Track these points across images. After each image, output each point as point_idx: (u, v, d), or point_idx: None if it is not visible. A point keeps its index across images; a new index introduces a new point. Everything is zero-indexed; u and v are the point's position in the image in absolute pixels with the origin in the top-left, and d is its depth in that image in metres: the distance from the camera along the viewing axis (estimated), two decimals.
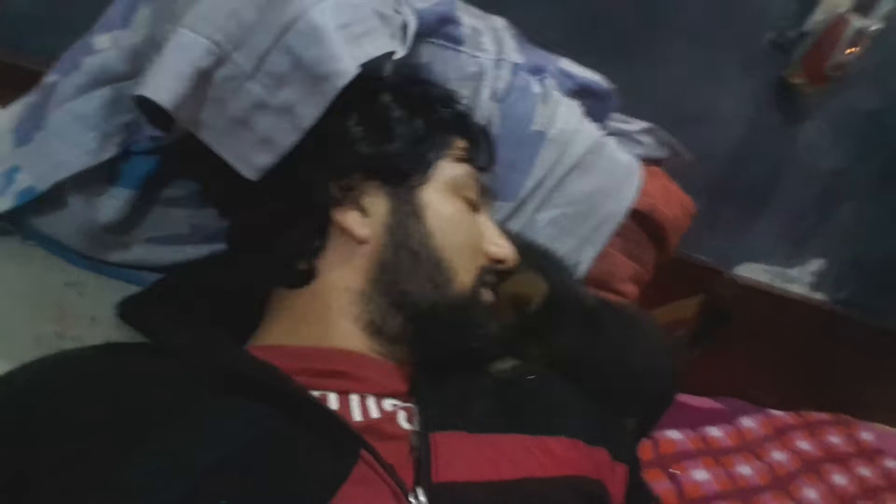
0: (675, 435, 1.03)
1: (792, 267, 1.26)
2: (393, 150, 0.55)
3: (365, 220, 0.54)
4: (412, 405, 0.50)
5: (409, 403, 0.51)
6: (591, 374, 0.59)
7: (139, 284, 0.61)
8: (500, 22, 0.76)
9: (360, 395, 0.49)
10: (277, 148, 0.50)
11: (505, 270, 0.59)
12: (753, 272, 1.23)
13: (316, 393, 0.47)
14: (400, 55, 0.59)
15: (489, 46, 0.72)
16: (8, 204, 0.57)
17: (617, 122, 0.84)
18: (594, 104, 0.79)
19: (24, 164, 0.58)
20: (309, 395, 0.46)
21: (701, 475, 0.98)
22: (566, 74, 0.77)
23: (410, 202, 0.55)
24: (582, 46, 0.85)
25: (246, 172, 0.51)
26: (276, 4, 0.49)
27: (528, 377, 0.57)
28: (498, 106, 0.71)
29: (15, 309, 0.59)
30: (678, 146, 0.85)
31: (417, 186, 0.55)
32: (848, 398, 1.27)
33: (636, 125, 0.84)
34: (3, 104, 0.65)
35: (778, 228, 1.21)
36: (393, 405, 0.50)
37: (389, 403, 0.50)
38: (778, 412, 1.18)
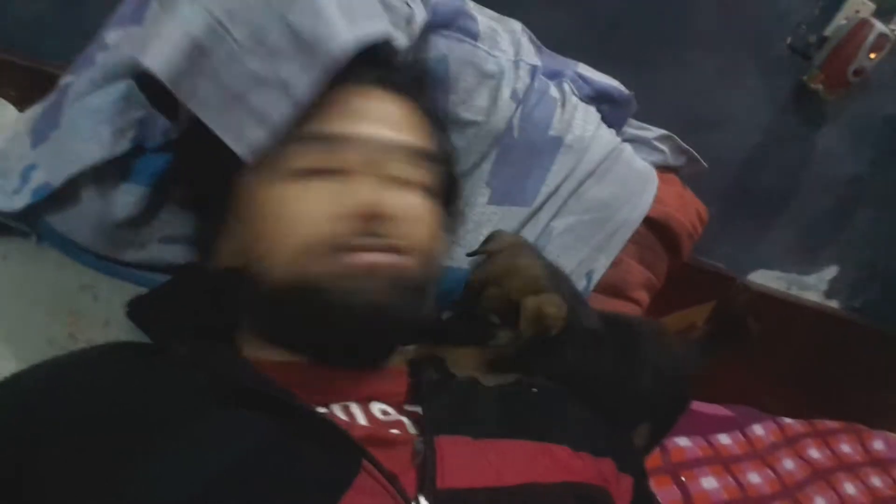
0: (684, 442, 1.02)
1: (807, 274, 1.25)
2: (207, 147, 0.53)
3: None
4: (418, 408, 0.50)
5: (416, 407, 0.51)
6: (595, 390, 0.59)
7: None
8: (517, 25, 0.75)
9: (357, 401, 0.49)
10: (271, 123, 0.50)
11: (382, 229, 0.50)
12: (767, 279, 1.22)
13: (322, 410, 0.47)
14: (402, 45, 0.58)
15: (507, 48, 0.72)
16: (24, 201, 0.57)
17: (634, 128, 0.83)
18: (612, 110, 0.79)
19: (40, 162, 0.58)
20: (309, 406, 0.45)
21: (709, 483, 0.97)
22: (584, 80, 0.76)
23: (238, 198, 0.53)
24: (598, 51, 0.84)
25: (239, 150, 0.50)
26: None
27: (531, 389, 0.57)
28: (519, 108, 0.70)
29: (29, 311, 0.59)
30: (694, 154, 0.84)
31: (238, 180, 0.53)
32: (861, 406, 1.26)
33: (653, 132, 0.83)
34: (21, 107, 0.65)
35: (793, 235, 1.20)
36: (384, 410, 0.50)
37: (379, 408, 0.49)
38: (789, 420, 1.17)
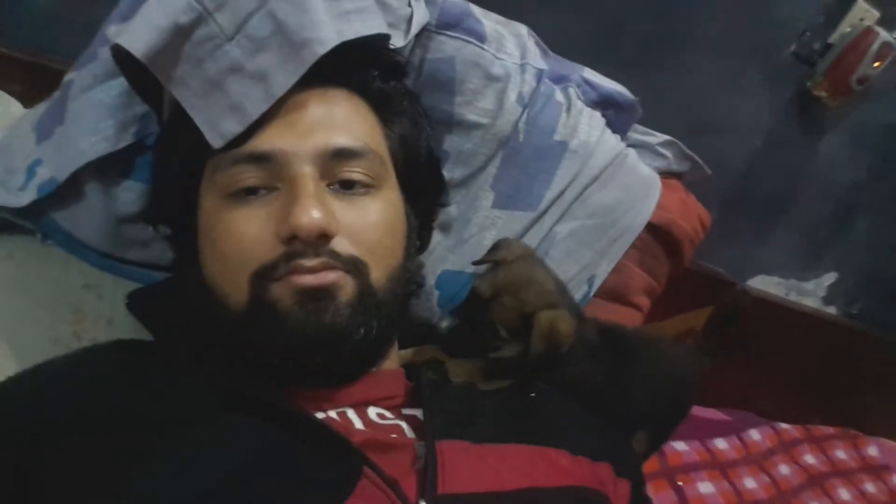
0: (681, 446, 1.02)
1: (806, 280, 1.26)
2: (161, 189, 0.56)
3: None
4: (418, 412, 0.50)
5: (415, 410, 0.51)
6: (590, 398, 0.59)
7: None
8: (523, 28, 0.75)
9: (354, 406, 0.49)
10: (246, 116, 0.49)
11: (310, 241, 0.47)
12: (767, 284, 1.23)
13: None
14: (399, 44, 0.58)
15: (513, 51, 0.71)
16: (30, 197, 0.57)
17: (638, 133, 0.83)
18: (617, 115, 0.79)
19: (44, 157, 0.59)
20: (307, 413, 0.45)
21: (706, 488, 0.97)
22: (589, 84, 0.76)
23: (194, 233, 0.53)
24: (603, 55, 0.84)
25: (212, 139, 0.49)
26: None
27: (529, 394, 0.57)
28: (525, 111, 0.70)
29: (33, 310, 0.59)
30: (698, 160, 0.84)
31: (195, 209, 0.52)
32: (858, 412, 1.27)
33: (657, 137, 0.83)
34: (25, 103, 0.65)
35: (793, 241, 1.20)
36: (383, 414, 0.49)
37: (377, 411, 0.49)
38: (785, 425, 1.17)
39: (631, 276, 0.81)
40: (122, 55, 0.49)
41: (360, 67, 0.55)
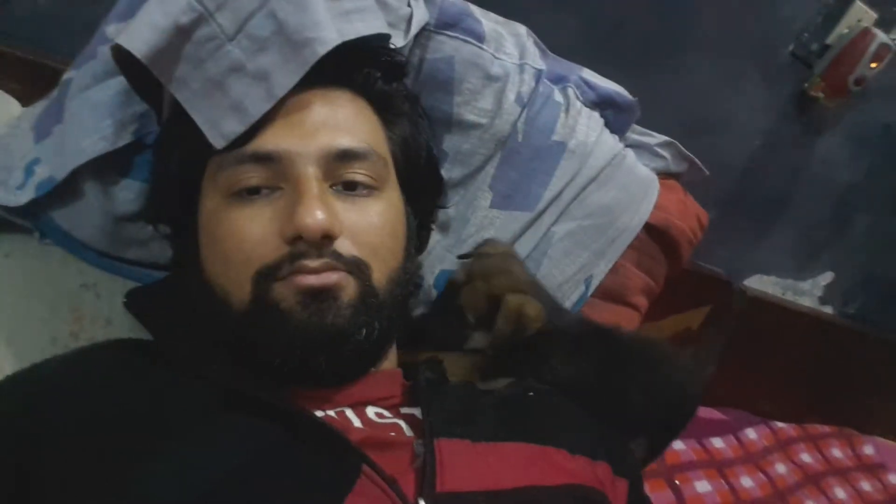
0: (678, 445, 1.03)
1: (802, 280, 1.26)
2: (161, 188, 0.55)
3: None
4: (416, 411, 0.50)
5: (413, 409, 0.51)
6: (586, 398, 0.59)
7: None
8: (522, 28, 0.75)
9: (352, 406, 0.49)
10: (247, 116, 0.49)
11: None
12: (764, 284, 1.23)
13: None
14: (399, 44, 0.58)
15: (512, 51, 0.71)
16: (28, 196, 0.57)
17: (637, 134, 0.83)
18: (615, 115, 0.79)
19: (43, 156, 0.58)
20: (307, 411, 0.45)
21: (703, 487, 0.98)
22: (588, 85, 0.76)
23: (195, 232, 0.53)
24: (601, 56, 0.84)
25: (213, 139, 0.49)
26: None
27: (527, 394, 0.57)
28: (524, 111, 0.70)
29: (31, 309, 0.59)
30: (696, 161, 0.84)
31: (197, 208, 0.52)
32: (854, 412, 1.27)
33: (656, 138, 0.83)
34: (24, 101, 0.65)
35: (790, 241, 1.21)
36: (381, 413, 0.49)
37: (375, 410, 0.49)
38: (781, 424, 1.18)
39: (629, 276, 0.81)
40: (121, 55, 0.49)
41: (361, 68, 0.55)
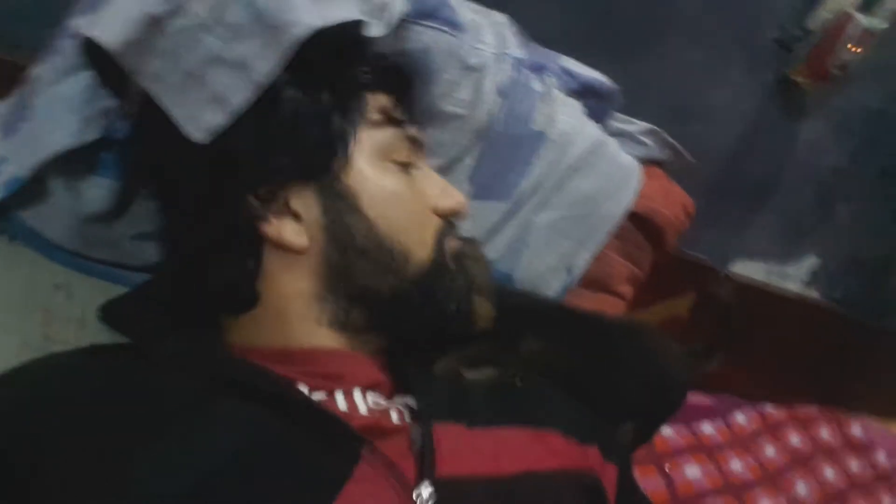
0: (667, 432, 1.03)
1: (788, 265, 1.26)
2: (301, 139, 0.50)
3: (299, 226, 0.51)
4: (408, 399, 0.50)
5: (405, 398, 0.50)
6: (571, 384, 0.59)
7: (129, 287, 0.60)
8: (500, 17, 0.74)
9: (343, 390, 0.48)
10: (229, 106, 0.48)
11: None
12: (749, 270, 1.23)
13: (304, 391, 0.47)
14: (377, 34, 0.57)
15: (490, 40, 0.71)
16: None
17: (619, 122, 0.83)
18: (596, 104, 0.78)
19: (9, 154, 0.57)
20: (307, 398, 0.45)
21: (693, 472, 0.98)
22: (568, 73, 0.76)
23: (341, 193, 0.51)
24: (582, 44, 0.83)
25: (194, 133, 0.48)
26: None
27: (515, 380, 0.57)
28: (503, 101, 0.70)
29: (1, 311, 0.58)
30: (680, 148, 0.84)
31: (342, 172, 0.51)
32: (841, 394, 1.28)
33: (638, 126, 0.83)
34: None
35: (776, 226, 1.21)
36: (377, 400, 0.49)
37: (373, 398, 0.49)
38: (770, 408, 1.19)
39: (612, 264, 0.81)
40: (90, 48, 0.48)
41: (342, 57, 0.54)
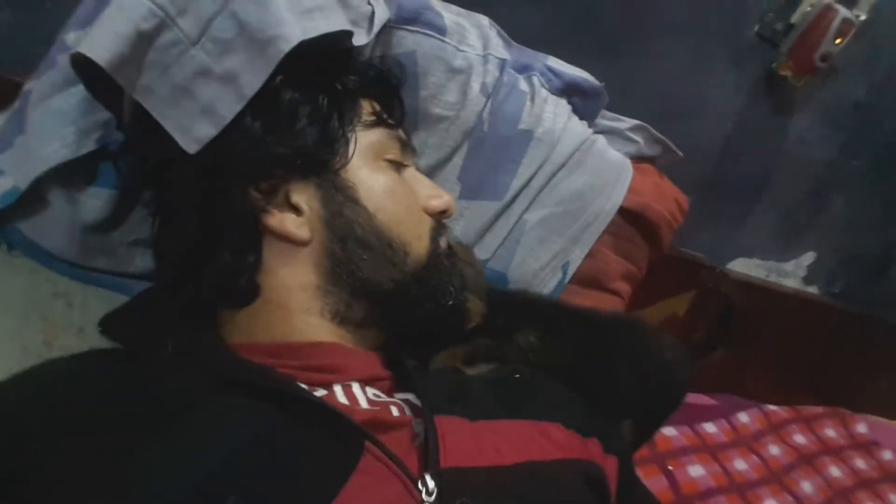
0: (670, 431, 1.03)
1: (785, 261, 1.26)
2: (301, 136, 0.52)
3: (300, 219, 0.52)
4: (409, 394, 0.50)
5: (403, 393, 0.51)
6: (574, 379, 0.59)
7: (126, 294, 0.61)
8: (484, 19, 0.75)
9: (341, 384, 0.49)
10: (219, 119, 0.49)
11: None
12: (747, 267, 1.23)
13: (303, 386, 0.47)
14: (361, 42, 0.59)
15: (475, 42, 0.72)
16: None
17: (607, 119, 0.83)
18: (583, 102, 0.79)
19: (6, 167, 0.58)
20: (310, 393, 0.45)
21: (696, 471, 0.98)
22: (554, 72, 0.76)
23: (340, 187, 0.52)
24: (568, 43, 0.85)
25: (186, 144, 0.49)
26: None
27: (514, 375, 0.57)
28: (489, 102, 0.71)
29: (2, 320, 0.59)
30: (669, 143, 0.85)
31: (341, 168, 0.53)
32: (843, 391, 1.27)
33: (626, 123, 0.83)
34: None
35: (770, 222, 1.21)
36: (376, 393, 0.49)
37: (372, 392, 0.49)
38: (773, 407, 1.18)
39: (607, 261, 0.81)
40: (81, 63, 0.49)
41: (327, 67, 0.55)
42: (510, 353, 0.60)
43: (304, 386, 0.47)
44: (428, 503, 0.41)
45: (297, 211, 0.52)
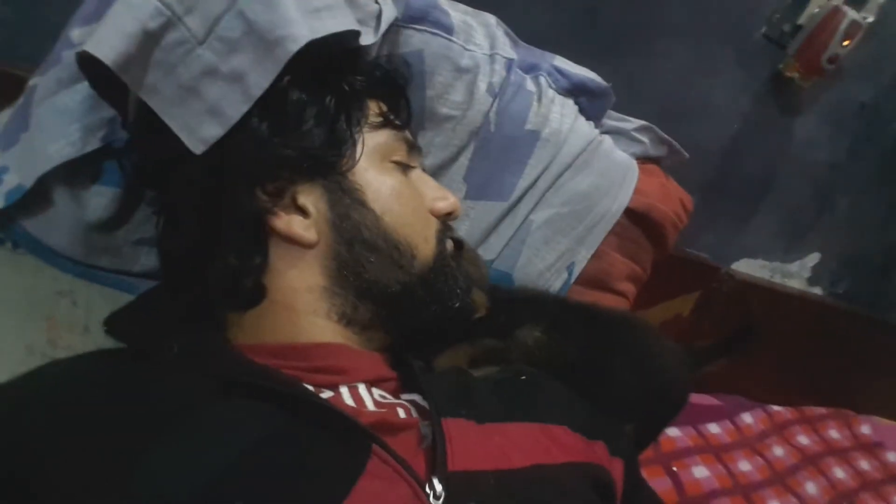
0: (674, 433, 1.02)
1: (790, 262, 1.26)
2: (309, 138, 0.52)
3: (307, 221, 0.52)
4: (415, 395, 0.50)
5: (410, 395, 0.51)
6: (576, 379, 0.59)
7: (131, 293, 0.61)
8: (492, 18, 0.75)
9: (348, 385, 0.49)
10: (226, 119, 0.49)
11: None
12: (751, 268, 1.23)
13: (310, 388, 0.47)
14: (369, 41, 0.58)
15: (482, 41, 0.71)
16: None
17: (613, 120, 0.83)
18: (590, 102, 0.79)
19: (10, 165, 0.58)
20: (317, 395, 0.45)
21: (701, 472, 0.97)
22: (561, 73, 0.76)
23: (348, 190, 0.52)
24: (575, 43, 0.84)
25: (192, 145, 0.49)
26: None
27: (519, 377, 0.57)
28: (496, 101, 0.70)
29: (6, 318, 0.59)
30: (675, 144, 0.84)
31: (348, 170, 0.53)
32: (847, 392, 1.27)
33: (632, 123, 0.83)
34: None
35: (775, 223, 1.21)
36: (383, 394, 0.49)
37: (378, 393, 0.49)
38: (777, 408, 1.18)
39: (612, 262, 0.81)
40: (87, 61, 0.48)
41: (335, 67, 0.55)
42: (515, 351, 0.60)
43: (310, 388, 0.47)
44: None
45: (303, 213, 0.52)
